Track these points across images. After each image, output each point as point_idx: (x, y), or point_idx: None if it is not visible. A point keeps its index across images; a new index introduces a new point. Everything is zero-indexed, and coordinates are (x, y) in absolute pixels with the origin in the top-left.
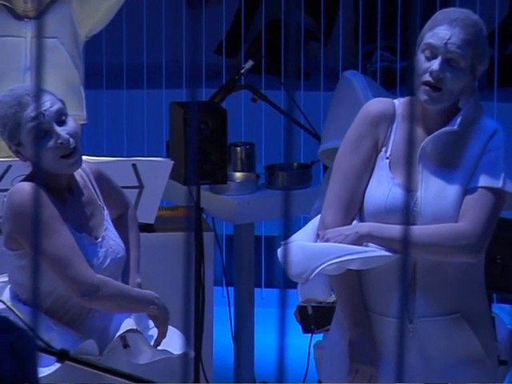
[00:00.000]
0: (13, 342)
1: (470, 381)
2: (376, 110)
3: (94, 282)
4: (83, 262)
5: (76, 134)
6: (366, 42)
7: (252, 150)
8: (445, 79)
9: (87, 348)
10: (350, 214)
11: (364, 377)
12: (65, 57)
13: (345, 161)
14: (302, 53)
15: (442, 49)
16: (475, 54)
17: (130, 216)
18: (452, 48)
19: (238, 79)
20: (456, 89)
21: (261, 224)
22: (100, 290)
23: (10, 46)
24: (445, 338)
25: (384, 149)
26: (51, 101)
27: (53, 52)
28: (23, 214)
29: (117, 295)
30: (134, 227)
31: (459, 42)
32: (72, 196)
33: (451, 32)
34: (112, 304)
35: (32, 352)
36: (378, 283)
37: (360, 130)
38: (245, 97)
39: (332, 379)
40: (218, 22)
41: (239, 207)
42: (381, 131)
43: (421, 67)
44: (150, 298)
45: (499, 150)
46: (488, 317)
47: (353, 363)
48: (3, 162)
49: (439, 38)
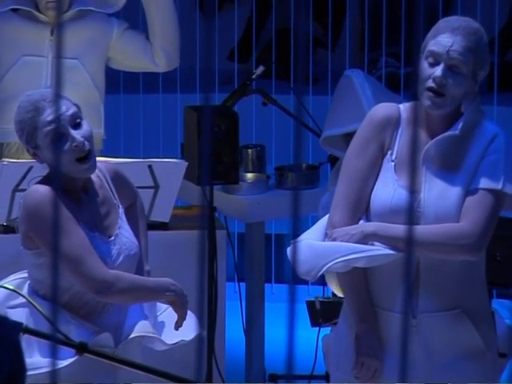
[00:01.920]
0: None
1: (471, 373)
2: (382, 114)
3: (107, 278)
4: (96, 259)
5: (90, 137)
6: (372, 48)
7: (263, 152)
8: (447, 85)
9: (103, 341)
10: (356, 214)
11: (369, 370)
12: (85, 77)
13: (352, 163)
14: (310, 59)
15: (444, 56)
16: (476, 61)
17: (139, 206)
18: (454, 55)
19: (249, 84)
20: (458, 94)
21: (271, 222)
22: (113, 285)
23: (33, 66)
24: (447, 332)
25: (390, 152)
26: (66, 105)
27: (73, 72)
28: (37, 215)
29: (131, 288)
30: (142, 217)
31: (461, 49)
32: (87, 196)
33: (453, 40)
34: (127, 297)
35: (15, 338)
36: (384, 280)
37: (366, 133)
38: (256, 101)
39: (339, 371)
40: (230, 30)
41: (250, 206)
42: (386, 135)
43: (424, 73)
44: (166, 285)
45: (499, 153)
46: (488, 312)
47: (359, 356)
48: (25, 164)
49: (442, 45)
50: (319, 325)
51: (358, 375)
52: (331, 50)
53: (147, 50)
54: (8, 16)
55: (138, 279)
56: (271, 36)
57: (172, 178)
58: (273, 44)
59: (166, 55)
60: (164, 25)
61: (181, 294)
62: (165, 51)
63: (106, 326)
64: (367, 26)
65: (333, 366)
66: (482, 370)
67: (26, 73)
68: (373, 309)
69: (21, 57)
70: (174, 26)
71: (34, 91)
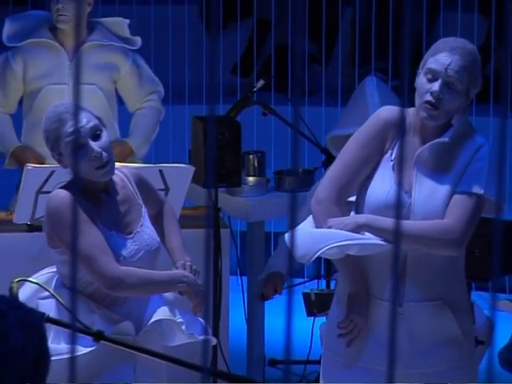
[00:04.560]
0: (22, 317)
1: (449, 358)
2: (388, 115)
3: (116, 275)
4: (107, 257)
5: (109, 148)
6: (362, 64)
7: (263, 158)
8: (443, 100)
9: (124, 329)
10: (342, 197)
11: (356, 327)
12: (102, 100)
13: (351, 151)
14: (306, 73)
15: (442, 73)
16: (470, 79)
17: (166, 211)
18: (451, 73)
19: (250, 96)
20: (452, 108)
21: (270, 222)
22: (123, 281)
23: (56, 93)
24: (429, 320)
25: (390, 151)
26: (87, 118)
27: (91, 96)
28: (56, 218)
29: (141, 283)
30: (172, 219)
31: (457, 67)
32: (108, 197)
33: (451, 59)
34: (139, 291)
35: (39, 325)
36: (374, 271)
37: (371, 130)
38: (257, 111)
39: (329, 351)
40: (233, 47)
41: (252, 207)
42: (389, 136)
43: (423, 88)
44: (178, 278)
45: (484, 161)
46: (467, 303)
47: (349, 313)
48: (47, 168)
49: (440, 63)
50: (314, 314)
51: (344, 331)
52: (325, 65)
53: (131, 102)
54: (28, 48)
55: (149, 274)
56: (271, 52)
57: (181, 182)
58: (272, 60)
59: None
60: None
61: (194, 283)
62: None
63: (127, 315)
64: (358, 44)
65: (325, 346)
66: (459, 356)
67: (51, 100)
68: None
69: (45, 86)
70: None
71: (60, 103)
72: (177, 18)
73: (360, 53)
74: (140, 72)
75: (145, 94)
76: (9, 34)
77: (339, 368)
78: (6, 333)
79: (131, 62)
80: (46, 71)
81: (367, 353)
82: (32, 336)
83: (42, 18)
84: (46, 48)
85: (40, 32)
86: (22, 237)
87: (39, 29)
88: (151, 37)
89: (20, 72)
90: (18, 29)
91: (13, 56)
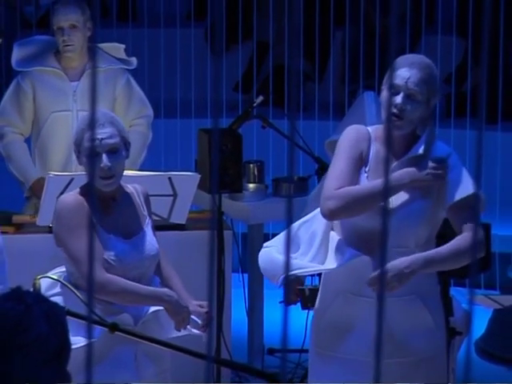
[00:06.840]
0: (46, 310)
1: (423, 348)
2: (356, 132)
3: (99, 281)
4: (95, 263)
5: (119, 165)
6: (352, 81)
7: (262, 166)
8: (406, 110)
9: (123, 320)
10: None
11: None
12: None
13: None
14: (301, 90)
15: (403, 87)
16: (429, 90)
17: (162, 256)
18: (411, 86)
19: (251, 111)
20: (415, 118)
21: (269, 224)
22: (105, 287)
23: (62, 120)
24: (404, 313)
25: (364, 166)
26: (111, 133)
27: None
28: (59, 220)
29: (122, 292)
30: (169, 265)
31: (417, 80)
32: (114, 203)
33: (410, 73)
34: (119, 298)
35: (61, 318)
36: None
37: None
38: (256, 125)
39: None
40: (235, 67)
41: (252, 211)
42: (363, 147)
43: (386, 102)
44: (159, 296)
45: (458, 167)
46: (439, 298)
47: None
48: (67, 176)
49: (401, 77)
50: (308, 308)
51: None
52: (318, 82)
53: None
54: (36, 74)
55: (132, 285)
56: (269, 72)
57: (188, 188)
58: (270, 78)
59: None
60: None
61: (175, 304)
62: None
63: (126, 308)
64: (348, 64)
65: (312, 341)
66: (432, 346)
67: (57, 127)
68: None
69: (50, 114)
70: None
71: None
72: (184, 40)
73: (350, 71)
74: (131, 93)
75: (133, 114)
76: (17, 59)
77: (323, 360)
78: (32, 324)
79: (125, 81)
80: (53, 98)
81: (348, 345)
82: (55, 327)
83: (47, 44)
84: (52, 75)
85: (46, 58)
86: (44, 238)
87: (45, 54)
88: (161, 58)
89: (31, 94)
90: (26, 54)
91: (22, 79)
